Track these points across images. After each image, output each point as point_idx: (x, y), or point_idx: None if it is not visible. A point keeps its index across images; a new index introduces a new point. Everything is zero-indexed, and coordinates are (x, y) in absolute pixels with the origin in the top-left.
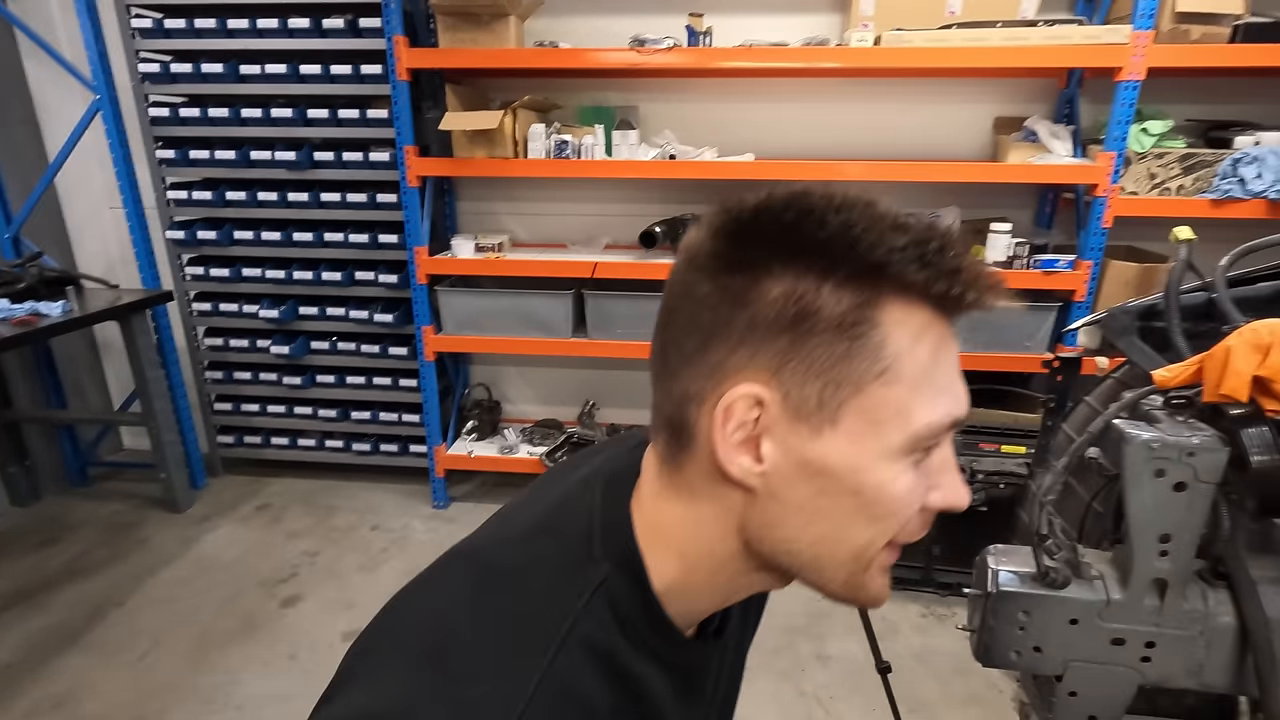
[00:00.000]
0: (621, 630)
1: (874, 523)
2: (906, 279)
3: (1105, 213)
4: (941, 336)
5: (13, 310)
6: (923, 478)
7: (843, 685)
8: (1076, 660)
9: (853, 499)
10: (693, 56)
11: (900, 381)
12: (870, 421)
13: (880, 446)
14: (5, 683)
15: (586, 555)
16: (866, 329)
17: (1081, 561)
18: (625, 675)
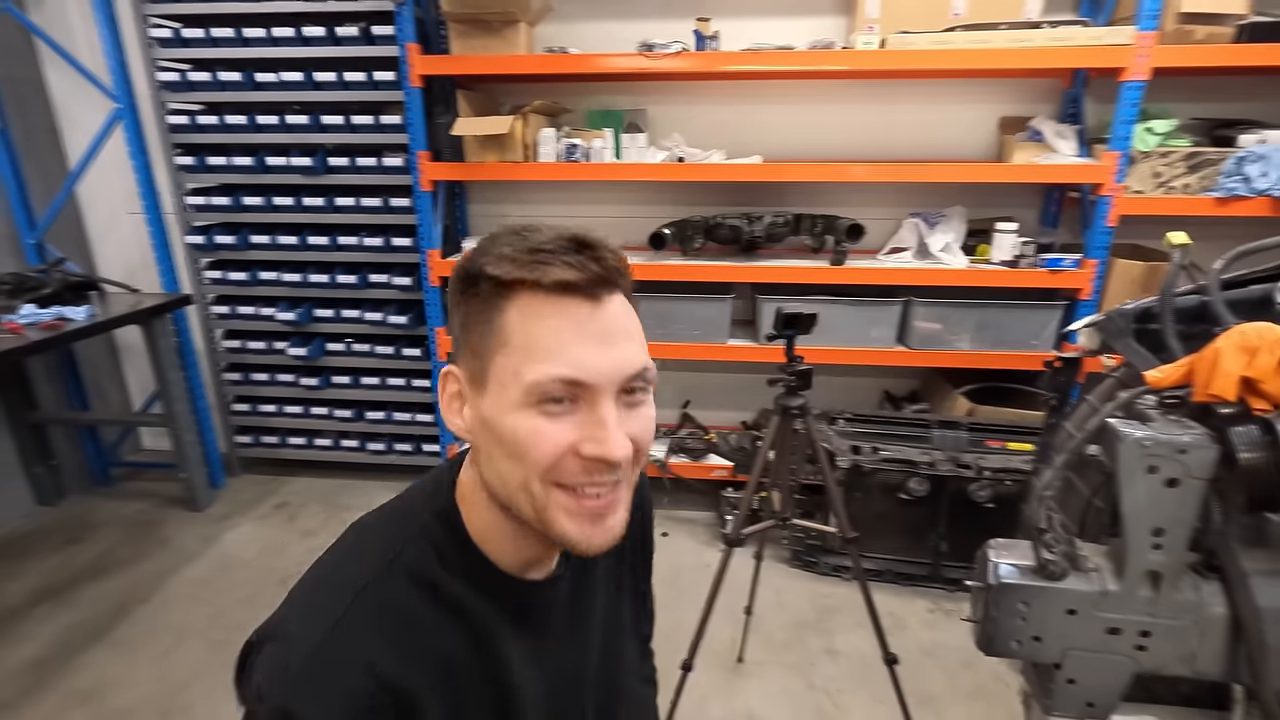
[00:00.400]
0: (441, 563)
1: (517, 461)
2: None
3: (1110, 211)
4: (552, 312)
5: (39, 315)
6: (573, 428)
7: (851, 679)
8: (1074, 649)
9: (499, 443)
10: (700, 60)
11: (513, 351)
12: (499, 383)
13: (507, 401)
14: (36, 677)
15: (420, 509)
16: (495, 316)
17: (1079, 554)
18: (448, 599)
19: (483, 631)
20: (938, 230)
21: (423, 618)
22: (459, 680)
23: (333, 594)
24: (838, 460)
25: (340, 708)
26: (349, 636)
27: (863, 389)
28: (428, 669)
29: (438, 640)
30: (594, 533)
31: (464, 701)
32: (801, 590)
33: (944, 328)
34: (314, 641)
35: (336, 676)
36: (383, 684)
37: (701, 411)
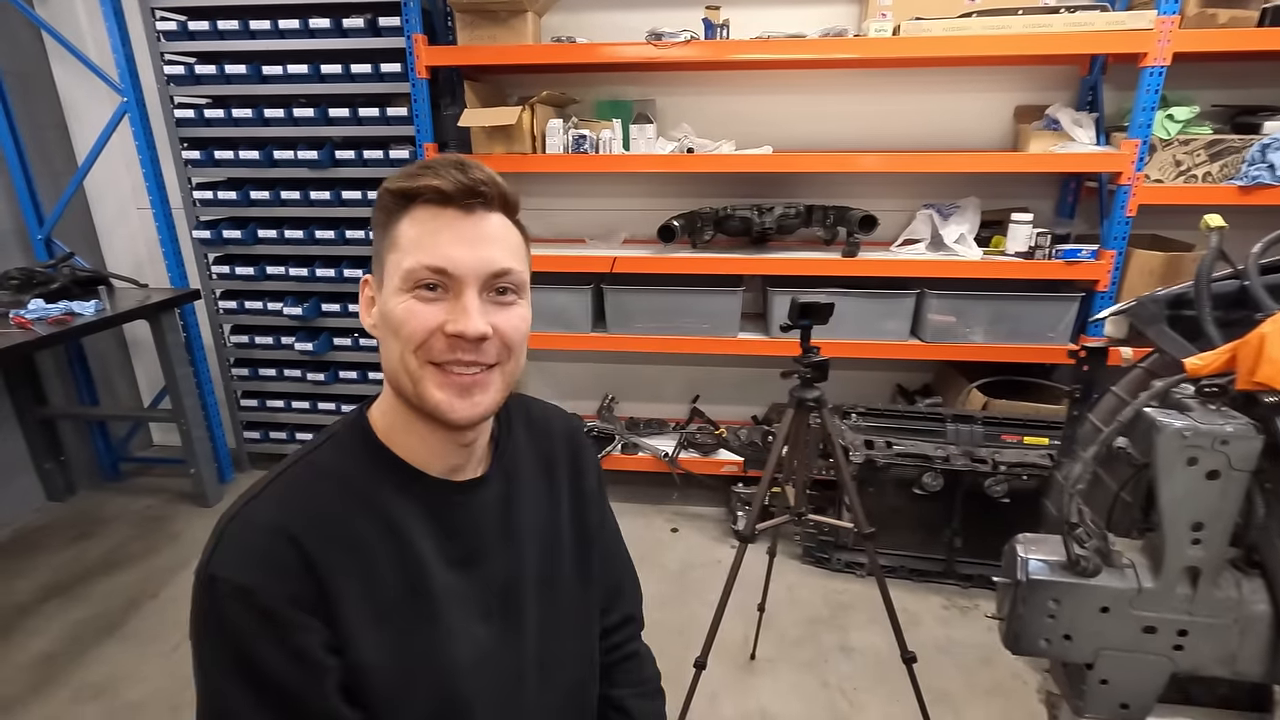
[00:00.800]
0: (350, 458)
1: (396, 337)
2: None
3: (1129, 201)
4: (431, 216)
5: (48, 310)
6: (442, 312)
7: (866, 676)
8: (1108, 648)
9: (386, 324)
10: (710, 49)
11: (399, 249)
12: (388, 276)
13: (392, 288)
14: (49, 671)
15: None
16: (392, 224)
17: (1112, 550)
18: (356, 489)
19: (392, 522)
20: (951, 221)
21: (330, 501)
22: (367, 561)
23: (252, 489)
24: (851, 455)
25: (254, 565)
26: (260, 508)
27: (874, 382)
28: (334, 542)
29: (344, 521)
30: (460, 404)
31: (375, 581)
32: (814, 586)
33: (958, 320)
34: (229, 517)
35: (249, 540)
36: (294, 543)
37: (711, 406)
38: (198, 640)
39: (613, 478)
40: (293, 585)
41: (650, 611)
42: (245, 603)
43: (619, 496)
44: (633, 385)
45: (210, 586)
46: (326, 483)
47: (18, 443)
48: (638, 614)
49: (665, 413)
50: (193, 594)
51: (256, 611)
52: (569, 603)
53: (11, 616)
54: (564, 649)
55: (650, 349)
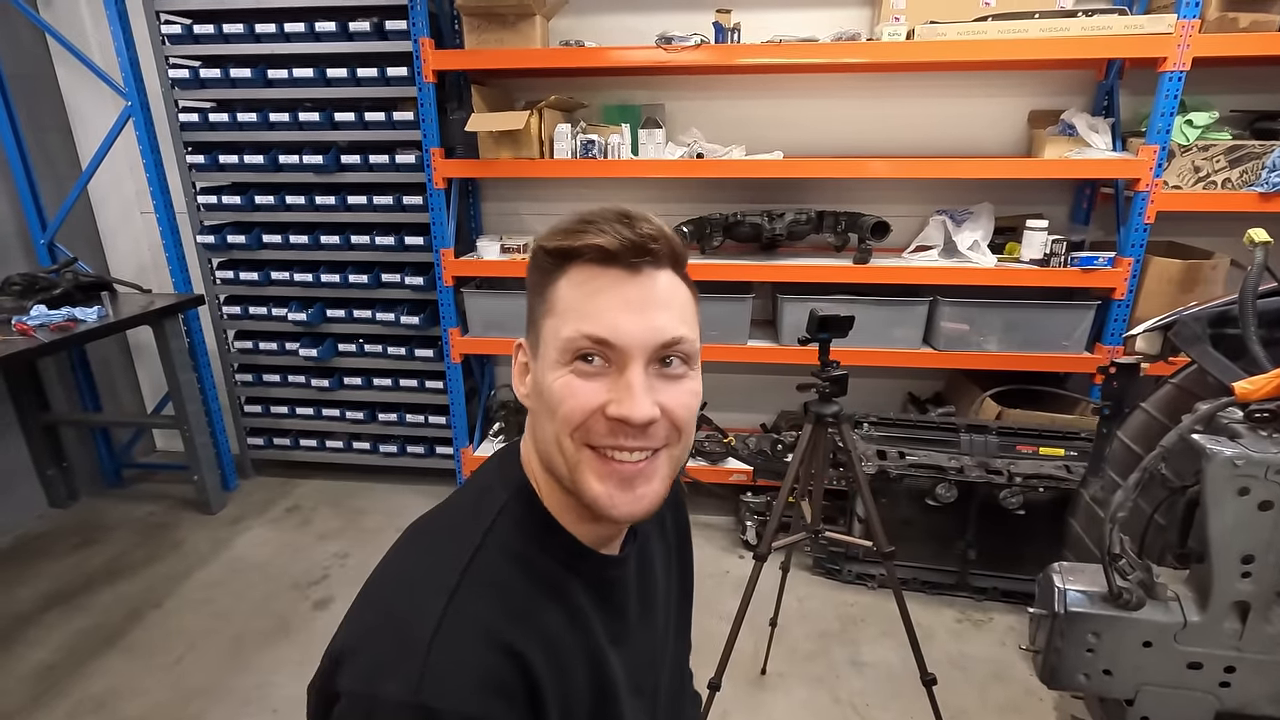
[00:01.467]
0: (527, 538)
1: (551, 417)
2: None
3: (1148, 208)
4: (598, 280)
5: (50, 316)
6: (604, 390)
7: (879, 693)
8: (1150, 684)
9: (541, 401)
10: (720, 54)
11: (556, 315)
12: (544, 344)
13: (549, 360)
14: (48, 683)
15: (490, 493)
16: (548, 286)
17: (1156, 582)
18: (541, 574)
19: (574, 608)
20: (965, 228)
21: (523, 591)
22: (561, 654)
23: (433, 581)
24: (864, 465)
25: (479, 689)
26: (467, 614)
27: (885, 390)
28: (536, 641)
29: (539, 613)
30: (621, 499)
31: (569, 676)
32: (825, 599)
33: (971, 328)
34: (431, 627)
35: (468, 657)
36: (509, 654)
37: (720, 414)
38: None
39: None
40: (515, 707)
41: None
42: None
43: None
44: None
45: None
46: (518, 571)
47: (20, 449)
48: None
49: None
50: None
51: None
52: (676, 654)
53: (12, 626)
54: (675, 700)
55: None
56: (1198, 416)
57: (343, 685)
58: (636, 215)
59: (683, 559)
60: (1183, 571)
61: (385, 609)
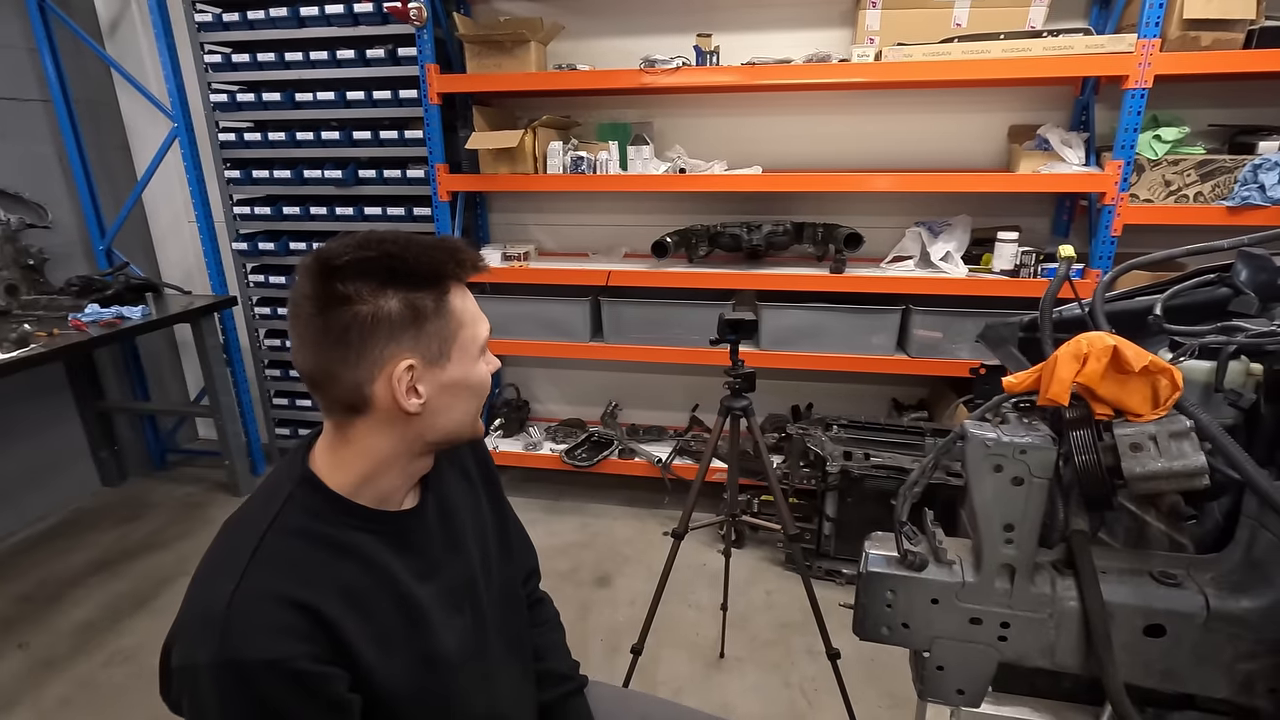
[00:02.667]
0: (314, 516)
1: (481, 395)
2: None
3: (1114, 221)
4: (466, 295)
5: (101, 313)
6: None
7: (829, 678)
8: (940, 637)
9: (469, 390)
10: (699, 75)
11: (465, 325)
12: (464, 350)
13: (470, 359)
14: (87, 637)
15: (277, 489)
16: (444, 306)
17: (939, 546)
18: (329, 540)
19: (369, 557)
20: (940, 239)
21: (311, 557)
22: (360, 597)
23: (229, 566)
24: (829, 466)
25: (272, 637)
26: (255, 583)
27: (871, 396)
28: (330, 594)
29: (331, 572)
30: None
31: (372, 616)
32: (793, 592)
33: (944, 335)
34: (225, 600)
35: (258, 615)
36: (299, 608)
37: (710, 415)
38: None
39: (611, 481)
40: (312, 644)
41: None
42: (277, 673)
43: (616, 500)
44: (636, 393)
45: (237, 671)
46: (303, 542)
47: (77, 432)
48: (537, 566)
49: (667, 420)
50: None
51: (289, 678)
52: (501, 574)
53: (62, 587)
54: (506, 612)
55: (644, 359)
56: (986, 407)
57: (172, 665)
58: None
59: (494, 498)
60: (966, 540)
61: (193, 598)
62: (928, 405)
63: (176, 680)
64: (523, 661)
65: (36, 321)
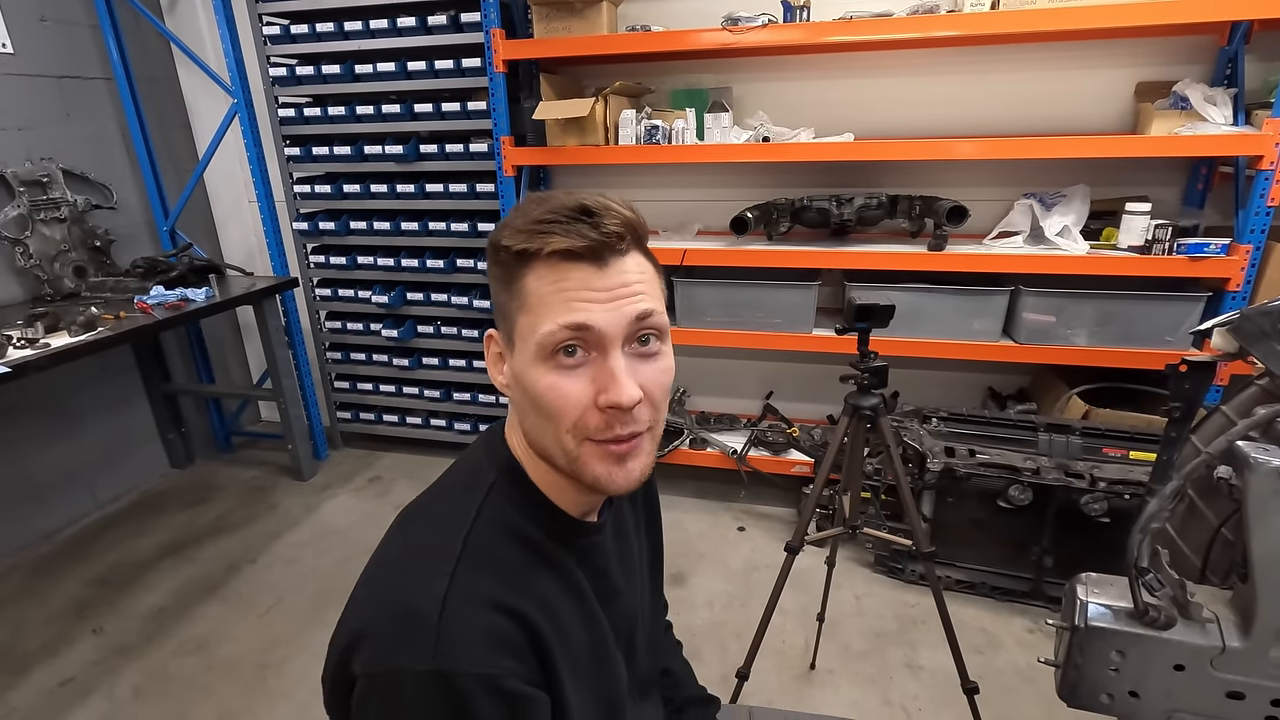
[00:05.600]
0: (518, 511)
1: (541, 415)
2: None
3: (1271, 189)
4: (560, 274)
5: (165, 296)
6: (588, 381)
7: (933, 698)
8: (1182, 711)
9: (526, 396)
10: (789, 33)
11: (529, 310)
12: (521, 340)
13: (527, 356)
14: (159, 623)
15: (479, 473)
16: (515, 281)
17: (1191, 601)
18: (532, 545)
19: (566, 571)
20: (1054, 212)
21: (518, 561)
22: (558, 615)
23: (436, 561)
24: (929, 463)
25: (488, 649)
26: (469, 585)
27: (964, 385)
28: (537, 606)
29: (534, 580)
30: (618, 474)
31: (568, 634)
32: (884, 598)
33: (1058, 320)
34: (438, 601)
35: (474, 622)
36: (512, 615)
37: (785, 403)
38: None
39: (680, 472)
40: (525, 663)
41: (710, 612)
42: (491, 692)
43: (686, 491)
44: (706, 379)
45: (446, 683)
46: (511, 542)
47: (146, 415)
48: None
49: (738, 408)
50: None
51: (502, 698)
52: (653, 614)
53: (134, 571)
54: (652, 656)
55: (719, 343)
56: (1253, 421)
57: (360, 668)
58: (598, 209)
59: (651, 527)
60: (1225, 591)
61: (391, 592)
62: (1030, 395)
63: (365, 687)
64: (657, 706)
65: (103, 304)
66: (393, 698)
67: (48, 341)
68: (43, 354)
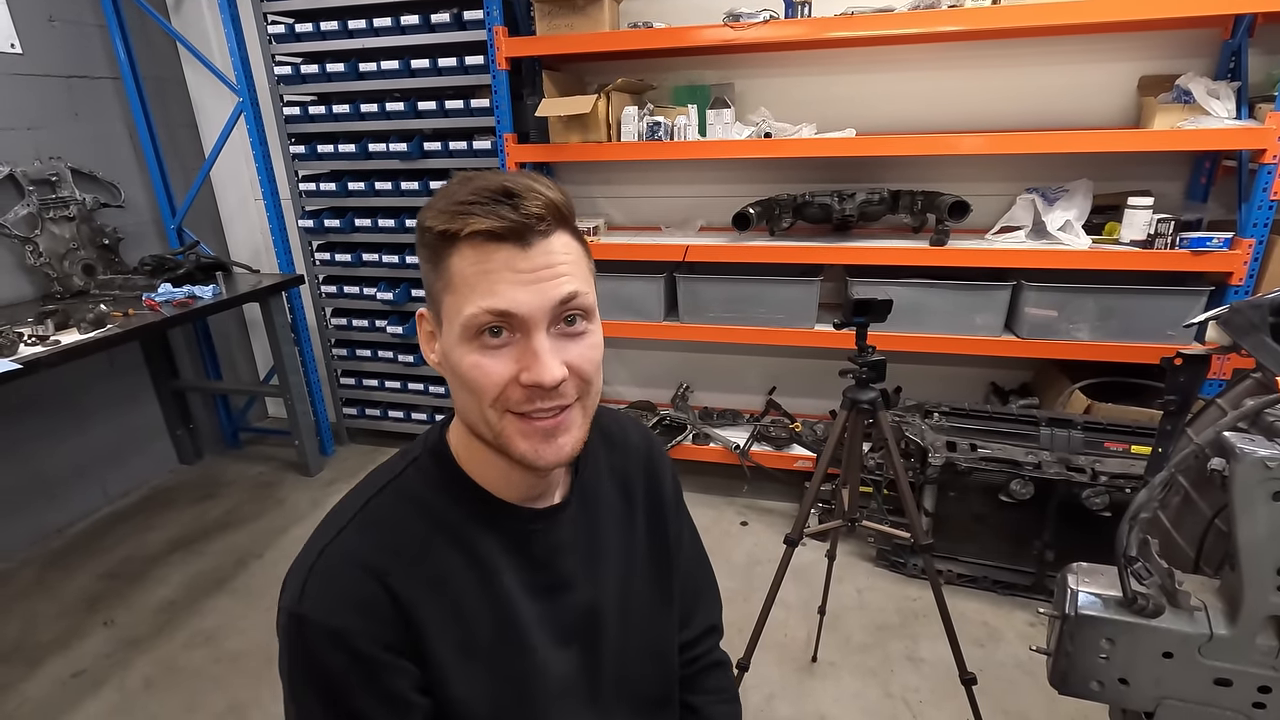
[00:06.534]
0: (431, 487)
1: (468, 391)
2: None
3: (1274, 183)
4: (483, 256)
5: (173, 293)
6: (511, 360)
7: (934, 690)
8: (1171, 698)
9: (455, 376)
10: (790, 29)
11: (455, 291)
12: (448, 320)
13: (453, 336)
14: (169, 616)
15: (408, 451)
16: (440, 262)
17: (1179, 589)
18: (434, 516)
19: (475, 552)
20: (1057, 207)
21: (413, 532)
22: (452, 593)
23: (337, 518)
24: (931, 458)
25: (344, 606)
26: (347, 545)
27: (967, 380)
28: (419, 578)
29: (428, 554)
30: (545, 450)
31: (460, 614)
32: (886, 591)
33: (1060, 315)
34: (316, 554)
35: (338, 579)
36: (382, 583)
37: (788, 399)
38: (289, 675)
39: (684, 467)
40: (384, 628)
41: None
42: (337, 645)
43: (690, 486)
44: (709, 374)
45: (301, 627)
46: (411, 515)
47: (154, 412)
48: (719, 623)
49: (741, 403)
50: (281, 629)
51: (348, 655)
52: (645, 624)
53: (145, 565)
54: (639, 670)
55: (722, 339)
56: (1242, 413)
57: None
58: (519, 190)
59: (658, 530)
60: (1213, 580)
61: (304, 544)
62: (1033, 390)
63: (279, 618)
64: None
65: (112, 301)
66: (280, 631)
67: (58, 339)
68: (53, 351)
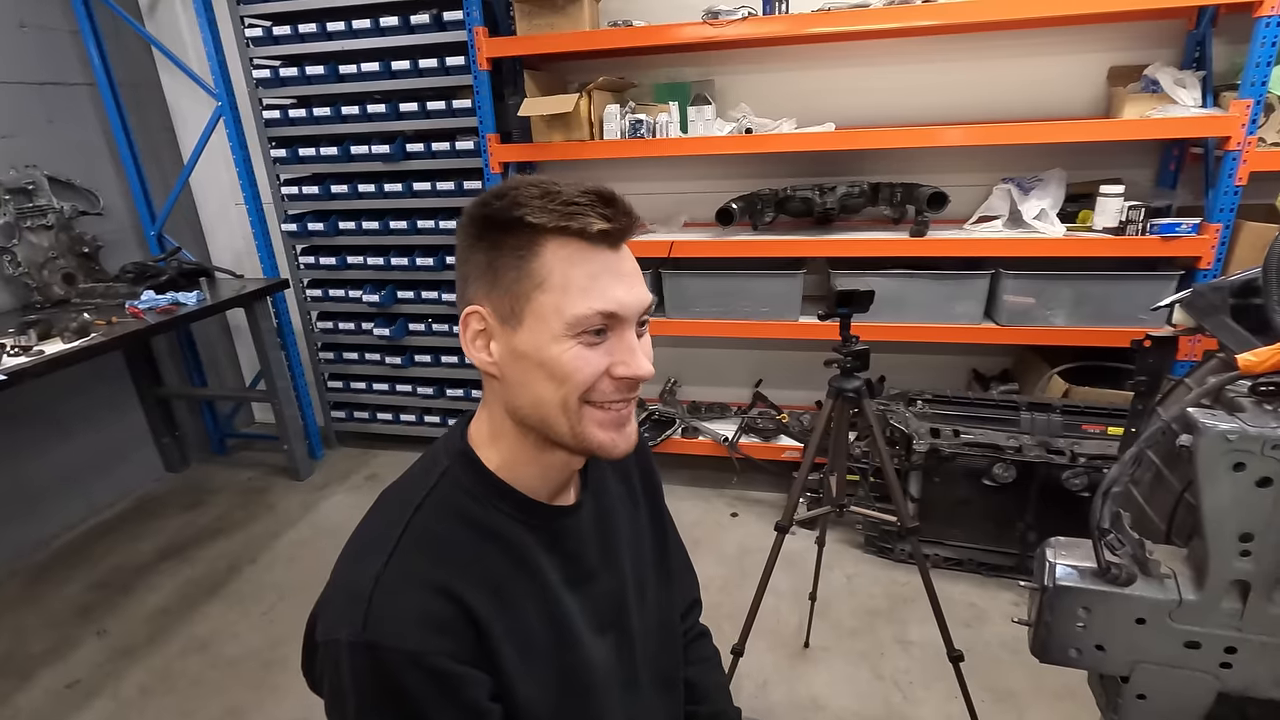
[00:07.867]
0: (469, 496)
1: (558, 384)
2: (543, 225)
3: (1239, 169)
4: (585, 257)
5: (157, 300)
6: (605, 354)
7: (924, 672)
8: (1145, 662)
9: (540, 369)
10: (769, 25)
11: (554, 291)
12: (538, 318)
13: (549, 333)
14: (161, 624)
15: (434, 462)
16: (528, 259)
17: (1149, 558)
18: (482, 525)
19: (521, 554)
20: (1032, 196)
21: (463, 543)
22: (509, 598)
23: (378, 542)
24: (915, 444)
25: (416, 627)
26: (404, 565)
27: (949, 368)
28: (479, 587)
29: (481, 562)
30: (619, 438)
31: (518, 617)
32: (874, 577)
33: (1037, 302)
34: (372, 579)
35: (405, 600)
36: (448, 596)
37: (775, 390)
38: (357, 708)
39: (673, 461)
40: (459, 643)
41: (707, 595)
42: (416, 667)
43: (680, 480)
44: (696, 368)
45: (374, 654)
46: (459, 526)
47: (139, 420)
48: (699, 595)
49: (729, 396)
50: (343, 664)
51: (427, 674)
52: (656, 605)
53: (134, 574)
54: (658, 649)
55: (708, 333)
56: (1205, 389)
57: (317, 637)
58: (615, 197)
59: (656, 514)
60: (1182, 550)
61: (341, 573)
62: (1012, 376)
63: (320, 655)
64: (674, 703)
65: (95, 310)
66: (336, 665)
67: (41, 349)
68: (37, 361)
